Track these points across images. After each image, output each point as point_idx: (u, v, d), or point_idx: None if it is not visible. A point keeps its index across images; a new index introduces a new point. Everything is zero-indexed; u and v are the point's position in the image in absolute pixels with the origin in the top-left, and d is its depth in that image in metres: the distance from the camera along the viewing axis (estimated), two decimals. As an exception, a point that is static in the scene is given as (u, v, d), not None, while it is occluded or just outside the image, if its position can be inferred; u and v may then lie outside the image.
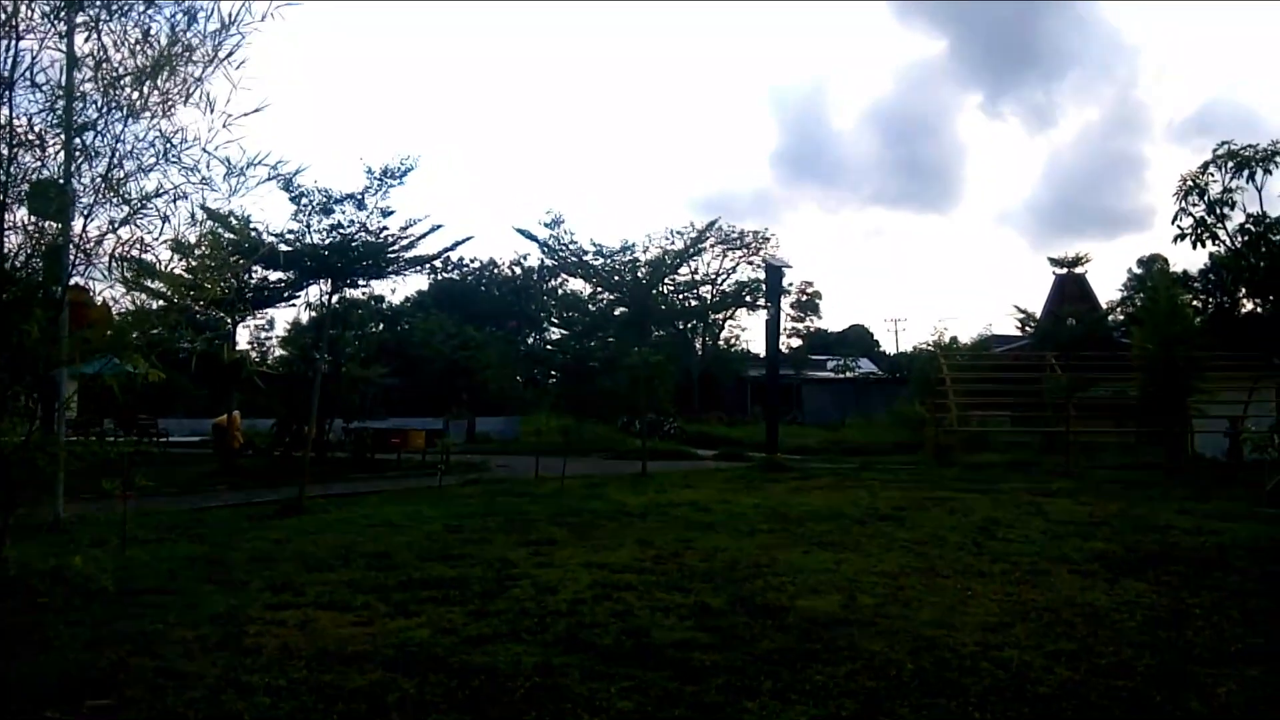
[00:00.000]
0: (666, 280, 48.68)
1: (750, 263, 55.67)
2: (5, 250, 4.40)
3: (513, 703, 5.20)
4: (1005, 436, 30.33)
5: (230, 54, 4.07)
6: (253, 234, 20.37)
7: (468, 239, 44.69)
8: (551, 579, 8.75)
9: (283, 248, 21.82)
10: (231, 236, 17.97)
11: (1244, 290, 32.54)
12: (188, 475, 19.99)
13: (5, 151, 3.39)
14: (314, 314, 25.46)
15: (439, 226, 24.35)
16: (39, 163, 3.75)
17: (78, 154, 4.13)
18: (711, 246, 54.12)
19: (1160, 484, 19.23)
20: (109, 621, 6.98)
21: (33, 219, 4.22)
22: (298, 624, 7.04)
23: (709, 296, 55.58)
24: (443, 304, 52.94)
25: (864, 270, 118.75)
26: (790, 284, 58.25)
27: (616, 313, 43.10)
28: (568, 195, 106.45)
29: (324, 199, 22.71)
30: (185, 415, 38.08)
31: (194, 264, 5.47)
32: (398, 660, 6.01)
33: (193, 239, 4.67)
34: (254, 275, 24.18)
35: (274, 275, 24.60)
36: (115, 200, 4.02)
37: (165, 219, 4.15)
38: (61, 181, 4.26)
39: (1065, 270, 43.02)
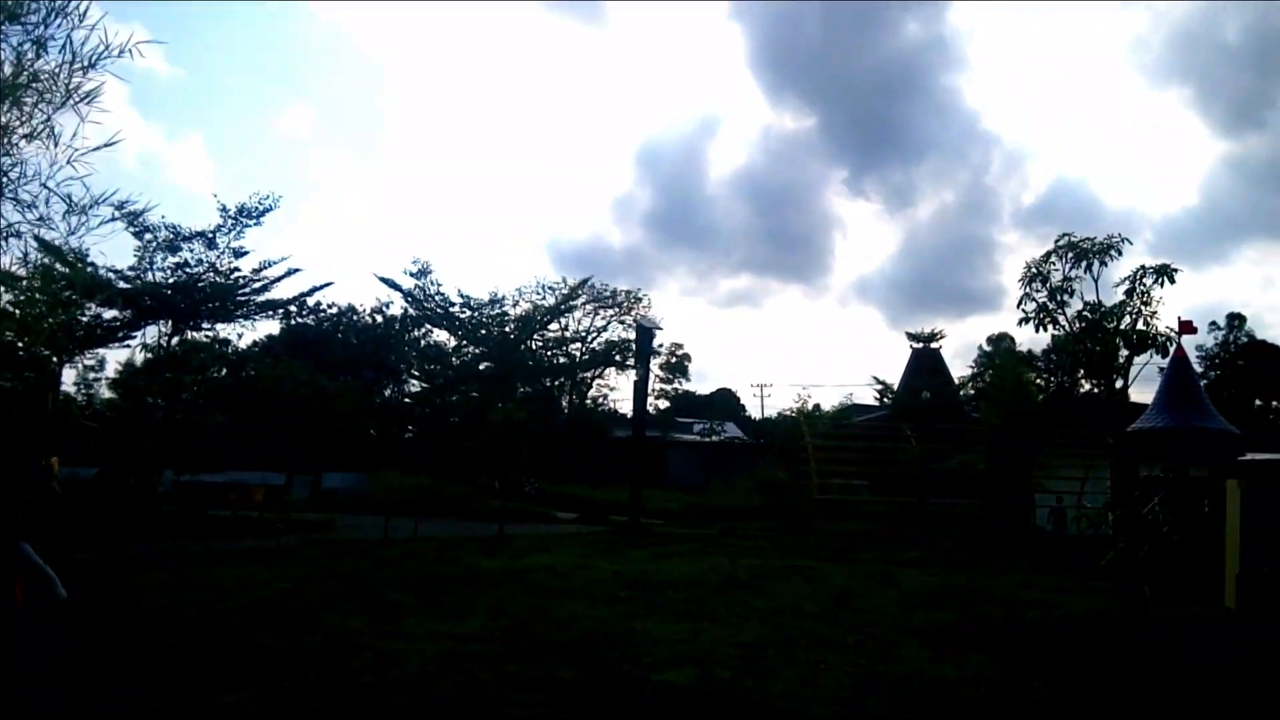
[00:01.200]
0: (535, 336, 48.57)
1: (621, 322, 56.23)
2: None
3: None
4: (863, 505, 31.22)
5: (86, 93, 3.92)
6: (89, 270, 19.27)
7: (327, 285, 43.59)
8: (396, 650, 8.50)
9: (121, 285, 20.76)
10: (63, 269, 17.00)
11: (1082, 372, 34.89)
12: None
13: None
14: (150, 355, 24.15)
15: (296, 270, 23.74)
16: None
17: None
18: (583, 304, 54.46)
19: (1004, 556, 20.24)
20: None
21: None
22: (112, 694, 6.60)
23: (578, 354, 55.73)
24: (295, 350, 51.05)
25: (732, 335, 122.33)
26: (660, 345, 58.97)
27: (481, 367, 42.65)
28: (438, 244, 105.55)
29: (171, 236, 21.77)
30: None
31: (21, 298, 5.20)
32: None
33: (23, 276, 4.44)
34: (86, 313, 22.83)
35: (109, 313, 23.29)
36: None
37: None
38: None
39: (922, 345, 45.49)
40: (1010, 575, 16.36)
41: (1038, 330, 28.74)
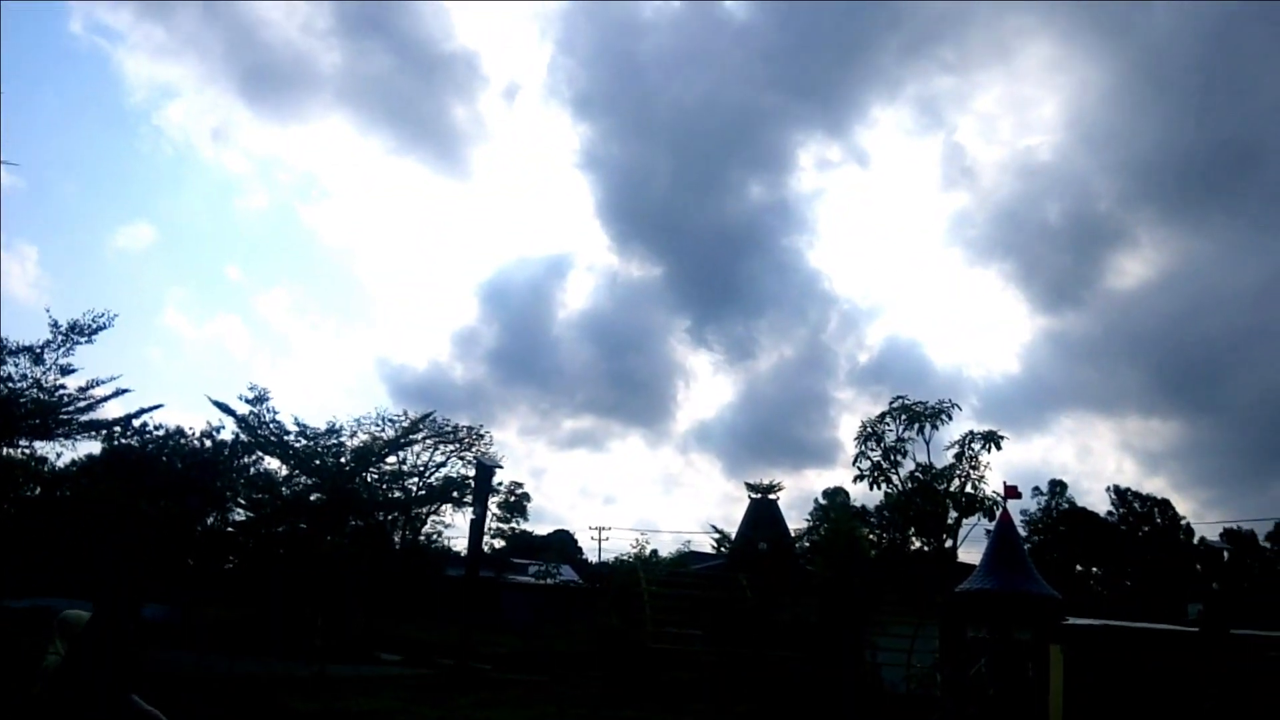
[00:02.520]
0: (372, 469, 47.10)
1: (462, 458, 55.25)
2: None
3: None
4: (698, 655, 30.76)
5: None
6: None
7: (157, 406, 41.32)
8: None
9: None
10: None
11: (913, 530, 36.15)
12: None
13: None
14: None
15: (126, 390, 22.77)
16: None
17: None
18: (423, 439, 53.44)
19: (833, 711, 20.32)
20: None
21: None
22: None
23: (414, 488, 54.27)
24: (116, 471, 47.72)
25: (572, 475, 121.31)
26: (500, 483, 58.15)
27: (312, 498, 40.94)
28: (276, 371, 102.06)
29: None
30: None
31: None
32: None
33: None
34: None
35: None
36: None
37: None
38: None
39: (760, 495, 45.54)
40: None
41: (872, 488, 29.50)
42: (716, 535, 49.35)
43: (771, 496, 46.46)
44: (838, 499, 48.38)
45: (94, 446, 57.30)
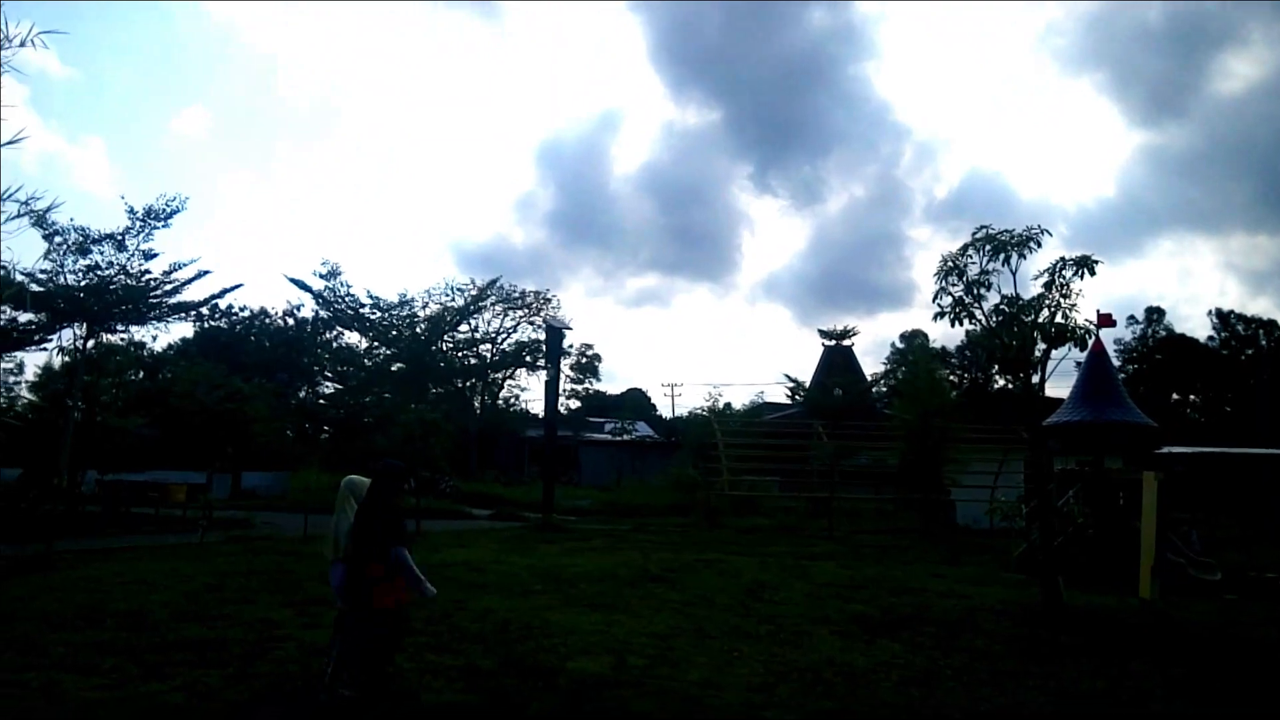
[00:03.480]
0: (445, 337, 48.00)
1: (531, 323, 55.96)
2: None
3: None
4: (774, 501, 30.92)
5: None
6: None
7: (237, 286, 42.49)
8: (318, 640, 8.53)
9: (34, 288, 19.99)
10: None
11: (997, 368, 34.73)
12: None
13: None
14: (67, 359, 23.32)
15: (206, 272, 23.12)
16: None
17: None
18: (492, 305, 54.04)
19: (916, 548, 20.05)
20: None
21: None
22: (40, 687, 6.59)
23: (488, 355, 55.35)
24: (209, 353, 49.50)
25: (642, 334, 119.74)
26: (570, 346, 58.96)
27: (393, 368, 42.10)
28: (345, 246, 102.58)
29: (81, 238, 21.10)
30: None
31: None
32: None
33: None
34: (1, 316, 21.90)
35: (24, 316, 22.37)
36: None
37: None
38: None
39: (834, 342, 44.85)
40: (921, 567, 16.12)
41: (953, 325, 28.55)
42: (790, 384, 48.62)
43: (846, 343, 45.31)
44: (916, 341, 46.80)
45: (186, 330, 59.79)
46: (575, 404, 64.73)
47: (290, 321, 60.03)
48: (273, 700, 6.53)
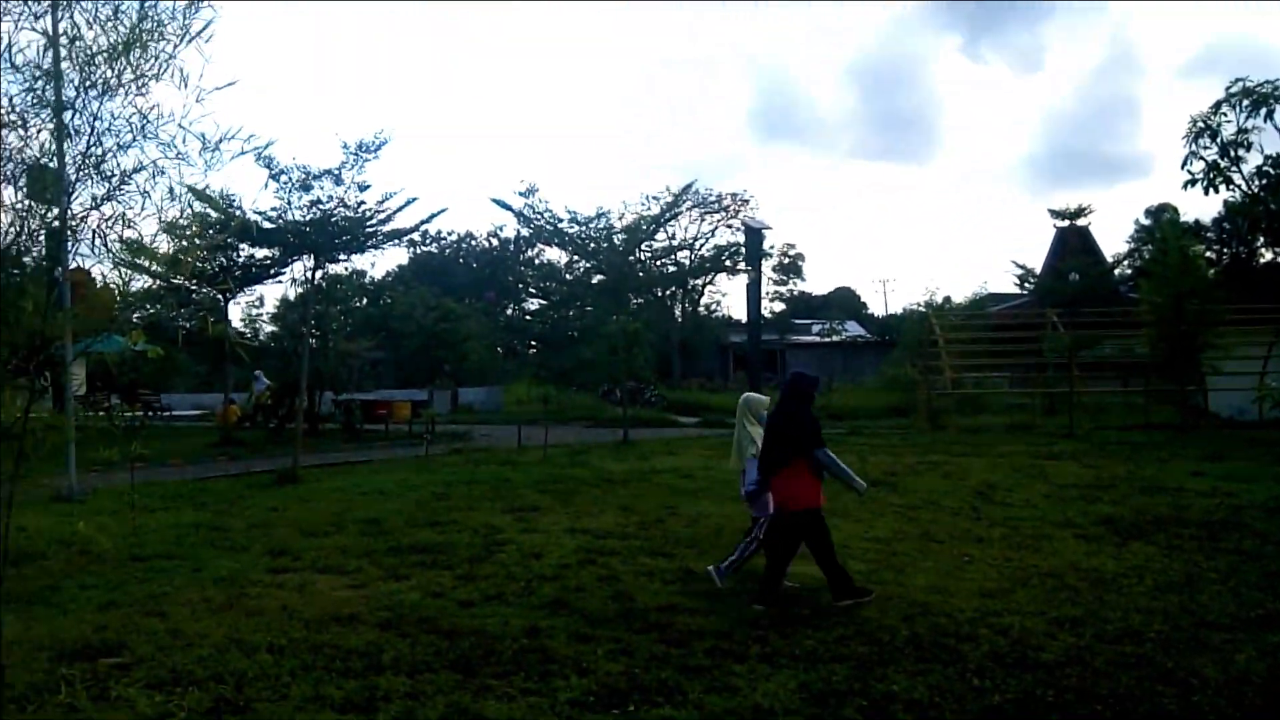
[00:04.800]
0: (643, 246, 48.44)
1: (729, 226, 55.23)
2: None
3: (501, 663, 5.43)
4: (1003, 398, 29.41)
5: (202, 29, 4.15)
6: (235, 211, 20.43)
7: (442, 211, 44.47)
8: (536, 544, 9.02)
9: (265, 225, 21.82)
10: (214, 214, 18.04)
11: (1261, 239, 30.42)
12: (190, 447, 20.33)
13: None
14: (299, 290, 25.56)
15: (414, 200, 24.35)
16: (23, 143, 3.88)
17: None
18: (688, 210, 53.79)
19: (1171, 445, 18.55)
20: (120, 585, 7.28)
21: (22, 200, 4.35)
22: (296, 587, 7.33)
23: (687, 262, 55.47)
24: (423, 277, 52.87)
25: (848, 230, 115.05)
26: (771, 247, 58.00)
27: (594, 281, 43.14)
28: (541, 164, 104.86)
29: (303, 175, 22.68)
30: (184, 390, 38.41)
31: (181, 242, 5.61)
32: (390, 621, 6.29)
33: (174, 215, 4.79)
34: (240, 253, 24.20)
35: (260, 253, 24.61)
36: (96, 178, 4.15)
37: (145, 194, 4.28)
38: (55, 165, 4.40)
39: (1066, 223, 41.55)
40: (1178, 465, 14.90)
41: (1207, 193, 24.63)
42: (1019, 271, 45.26)
43: (1081, 222, 41.71)
44: (1163, 216, 42.24)
45: (401, 256, 63.99)
46: (779, 306, 64.09)
47: (494, 242, 62.82)
48: (498, 600, 6.91)
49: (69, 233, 4.10)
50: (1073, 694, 4.98)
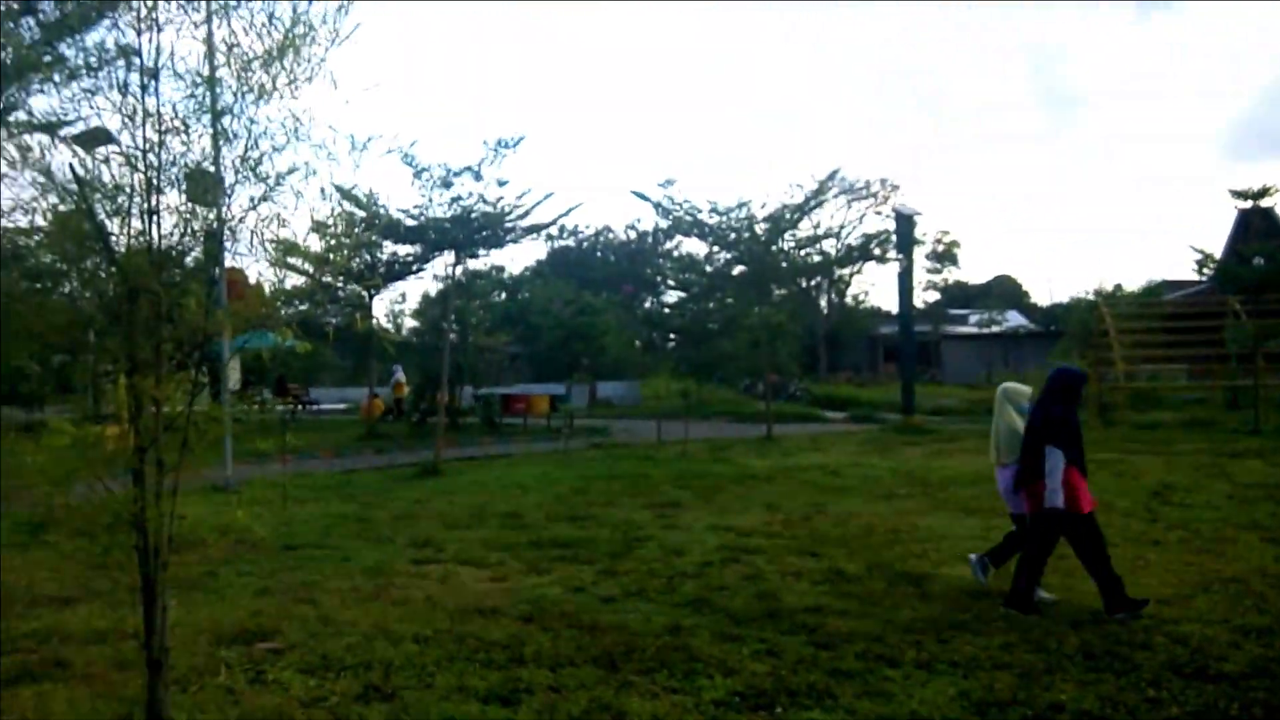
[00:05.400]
0: (786, 236, 47.87)
1: (878, 213, 54.02)
2: (161, 232, 4.83)
3: (644, 660, 5.42)
4: (1180, 392, 27.85)
5: (351, 32, 4.31)
6: (379, 209, 21.39)
7: (578, 205, 45.54)
8: (678, 541, 9.01)
9: (408, 222, 22.73)
10: (360, 213, 18.92)
11: None
12: (337, 440, 21.49)
13: (155, 138, 3.77)
14: (440, 285, 26.58)
15: (551, 194, 24.85)
16: (185, 148, 4.10)
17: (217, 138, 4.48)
18: (834, 197, 52.83)
19: None
20: (274, 573, 7.71)
21: (184, 203, 4.60)
22: (439, 578, 7.57)
23: (833, 251, 54.54)
24: (560, 271, 54.07)
25: (1008, 215, 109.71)
26: (923, 234, 56.06)
27: (735, 272, 42.94)
28: (681, 156, 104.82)
29: (444, 173, 23.53)
30: (331, 385, 40.60)
31: (330, 241, 5.86)
32: (532, 615, 6.39)
33: (324, 214, 5.02)
34: (384, 251, 25.35)
35: (403, 250, 25.72)
36: (252, 180, 4.36)
37: (298, 195, 4.48)
38: (214, 169, 4.63)
39: (1249, 203, 38.59)
40: None
41: None
42: (1197, 256, 42.64)
43: (1265, 203, 38.91)
44: None
45: (538, 251, 65.61)
46: (933, 296, 62.19)
47: (632, 235, 63.51)
48: (639, 596, 6.93)
49: (227, 233, 4.33)
50: (1259, 708, 4.63)
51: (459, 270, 24.70)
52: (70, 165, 3.55)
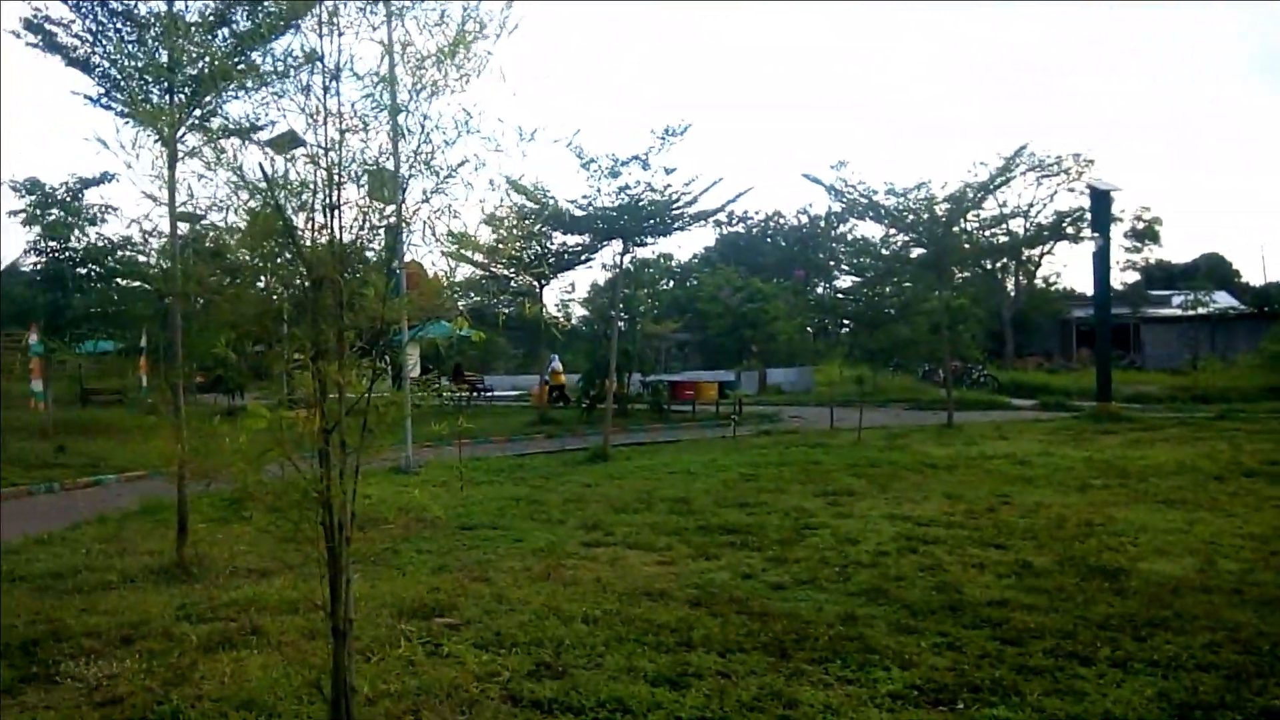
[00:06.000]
0: (969, 216, 45.96)
1: (1071, 189, 51.10)
2: (342, 226, 5.11)
3: (816, 649, 5.37)
4: None
5: (516, 25, 4.42)
6: (547, 200, 21.99)
7: (747, 190, 45.13)
8: (852, 530, 8.86)
9: (576, 212, 23.27)
10: (529, 204, 19.50)
11: None
12: (509, 425, 22.38)
13: (336, 136, 4.00)
14: (608, 274, 27.12)
15: (719, 180, 24.80)
16: (364, 145, 4.32)
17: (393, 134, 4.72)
18: (1022, 174, 50.30)
19: None
20: (450, 551, 8.13)
21: (364, 198, 4.84)
22: (609, 561, 7.75)
23: (1020, 230, 52.00)
24: (729, 257, 54.00)
25: (1216, 190, 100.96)
26: (1121, 211, 52.78)
27: (912, 255, 41.63)
28: (850, 139, 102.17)
29: (611, 162, 23.94)
30: (504, 372, 42.22)
31: (500, 232, 6.09)
32: (700, 599, 6.44)
33: (494, 205, 5.20)
34: (553, 240, 26.07)
35: (571, 239, 26.37)
36: (426, 173, 4.55)
37: (469, 187, 4.66)
38: (391, 165, 4.86)
39: None
40: None
41: None
42: None
43: None
44: None
45: (706, 237, 65.69)
46: (1132, 277, 58.38)
47: (803, 219, 62.60)
48: (811, 585, 6.85)
49: (403, 226, 4.55)
50: None
51: (626, 259, 25.08)
52: (259, 164, 3.83)
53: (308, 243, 3.90)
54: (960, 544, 8.17)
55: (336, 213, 3.96)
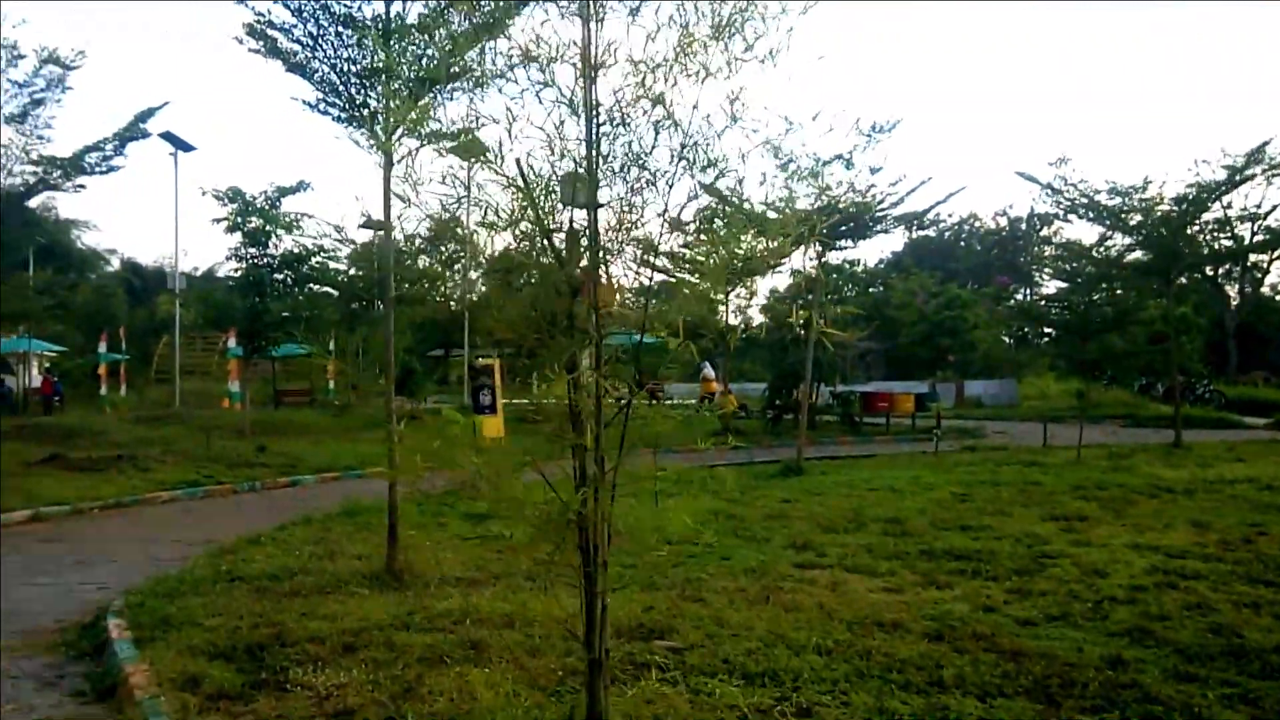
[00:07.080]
0: (1196, 218, 42.51)
1: (1308, 190, 46.41)
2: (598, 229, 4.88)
3: (1087, 696, 4.85)
4: None
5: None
6: (744, 204, 21.67)
7: (960, 190, 43.47)
8: (1096, 560, 8.12)
9: (771, 215, 22.99)
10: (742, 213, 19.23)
11: None
12: (691, 434, 22.19)
13: (594, 131, 3.80)
14: (796, 280, 26.56)
15: (928, 179, 23.80)
16: (628, 137, 4.07)
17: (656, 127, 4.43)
18: (1264, 174, 46.06)
19: None
20: (655, 566, 7.86)
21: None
22: (827, 585, 7.35)
23: (1248, 235, 47.71)
24: (920, 262, 52.07)
25: None
26: (1375, 211, 47.43)
27: (1128, 259, 38.83)
28: (1054, 140, 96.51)
29: (813, 163, 23.28)
30: (680, 380, 42.26)
31: (686, 237, 5.85)
32: (939, 633, 5.96)
33: (690, 210, 4.91)
34: (741, 245, 25.85)
35: (759, 245, 26.09)
36: (697, 170, 4.37)
37: (668, 187, 4.38)
38: (584, 172, 4.60)
39: None
40: None
41: None
42: None
43: None
44: None
45: (894, 242, 63.70)
46: (1376, 286, 52.30)
47: (1002, 222, 59.69)
48: (1063, 621, 6.27)
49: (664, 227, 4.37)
50: None
51: (818, 264, 24.46)
52: (517, 161, 3.70)
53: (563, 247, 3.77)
54: (1224, 579, 7.38)
55: (594, 214, 3.80)
